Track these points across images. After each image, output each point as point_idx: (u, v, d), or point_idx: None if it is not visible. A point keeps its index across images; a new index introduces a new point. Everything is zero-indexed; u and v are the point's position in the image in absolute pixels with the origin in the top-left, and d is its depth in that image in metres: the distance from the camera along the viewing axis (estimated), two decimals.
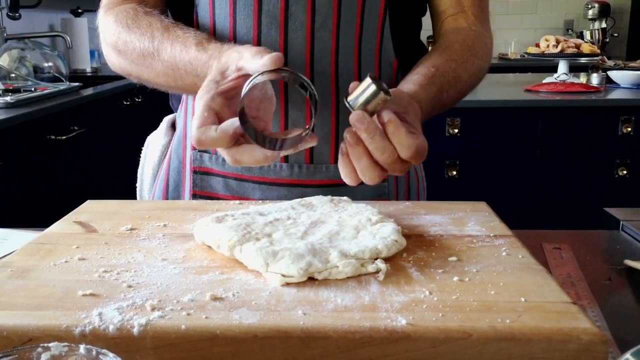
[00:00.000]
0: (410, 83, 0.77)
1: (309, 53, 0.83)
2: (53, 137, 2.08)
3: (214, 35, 0.85)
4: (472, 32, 0.89)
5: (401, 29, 0.89)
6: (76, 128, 2.23)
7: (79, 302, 0.51)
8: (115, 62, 0.87)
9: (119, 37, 0.83)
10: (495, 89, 2.71)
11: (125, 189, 1.27)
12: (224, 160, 0.88)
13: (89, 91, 2.53)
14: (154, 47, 0.79)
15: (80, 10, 3.39)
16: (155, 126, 1.05)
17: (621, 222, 0.84)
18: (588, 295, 0.64)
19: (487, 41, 0.90)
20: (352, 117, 0.62)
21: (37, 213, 1.98)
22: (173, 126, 1.02)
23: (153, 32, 0.79)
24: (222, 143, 0.64)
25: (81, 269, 0.58)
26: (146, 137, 1.06)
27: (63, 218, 0.74)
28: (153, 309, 0.49)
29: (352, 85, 0.64)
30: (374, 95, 0.62)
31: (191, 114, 0.91)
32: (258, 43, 0.82)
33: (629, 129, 2.36)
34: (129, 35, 0.81)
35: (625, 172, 2.40)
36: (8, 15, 2.78)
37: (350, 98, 0.63)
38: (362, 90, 0.62)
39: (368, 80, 0.62)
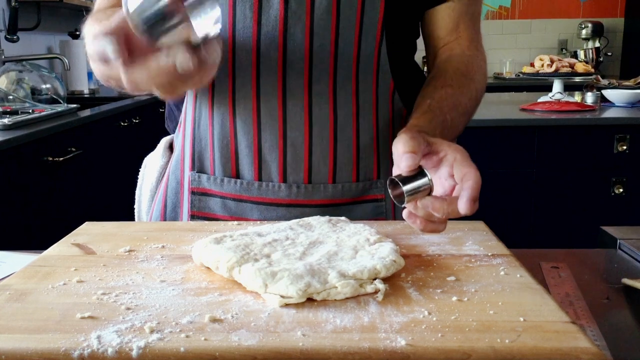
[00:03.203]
0: (411, 119, 0.79)
1: (308, 74, 0.83)
2: (51, 158, 2.08)
3: None
4: (466, 57, 0.90)
5: (397, 52, 0.90)
6: (74, 149, 2.23)
7: (78, 325, 0.50)
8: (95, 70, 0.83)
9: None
10: (491, 109, 2.72)
11: (124, 210, 1.27)
12: (222, 180, 0.88)
13: (87, 112, 2.54)
14: None
15: (78, 33, 3.42)
16: (152, 147, 1.06)
17: (618, 241, 0.84)
18: (587, 314, 0.64)
19: (481, 63, 0.92)
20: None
21: (35, 235, 1.98)
22: (170, 147, 1.03)
23: None
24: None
25: (79, 292, 0.58)
26: (144, 158, 1.07)
27: (61, 240, 0.74)
28: (152, 331, 0.49)
29: (405, 173, 0.67)
30: (425, 188, 0.67)
31: (189, 136, 0.91)
32: (257, 63, 0.83)
33: (624, 147, 2.38)
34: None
35: (621, 190, 2.40)
36: (6, 38, 2.80)
37: (406, 187, 0.66)
38: (417, 182, 0.67)
39: (426, 178, 0.67)
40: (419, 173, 0.66)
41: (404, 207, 0.69)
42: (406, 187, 0.66)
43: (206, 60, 0.59)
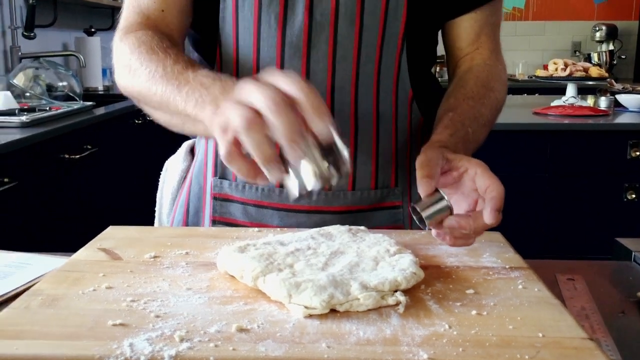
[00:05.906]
0: (433, 134, 0.80)
1: (330, 83, 0.85)
2: (67, 156, 2.11)
3: (237, 64, 0.87)
4: (486, 67, 0.91)
5: (417, 61, 0.91)
6: (89, 147, 2.26)
7: (110, 332, 0.52)
8: (128, 92, 0.85)
9: (131, 72, 0.81)
10: (504, 112, 2.70)
11: (140, 208, 1.28)
12: (243, 187, 0.90)
13: (102, 110, 2.56)
14: (165, 99, 0.75)
15: (93, 30, 3.45)
16: (167, 144, 1.07)
17: (633, 253, 0.85)
18: (602, 328, 0.65)
19: (501, 73, 0.93)
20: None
21: (52, 232, 2.00)
22: (192, 151, 1.04)
23: (165, 79, 0.76)
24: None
25: (109, 298, 0.59)
26: (159, 155, 1.08)
27: (87, 244, 0.75)
28: (182, 340, 0.51)
29: (424, 197, 0.69)
30: (444, 210, 0.69)
31: (212, 142, 0.93)
32: None
33: (638, 153, 2.37)
34: (138, 79, 0.79)
35: (634, 195, 2.40)
36: (23, 35, 2.82)
37: (425, 214, 0.69)
38: (435, 206, 0.69)
39: (444, 200, 0.69)
40: (438, 197, 0.69)
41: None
42: (425, 213, 0.69)
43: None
